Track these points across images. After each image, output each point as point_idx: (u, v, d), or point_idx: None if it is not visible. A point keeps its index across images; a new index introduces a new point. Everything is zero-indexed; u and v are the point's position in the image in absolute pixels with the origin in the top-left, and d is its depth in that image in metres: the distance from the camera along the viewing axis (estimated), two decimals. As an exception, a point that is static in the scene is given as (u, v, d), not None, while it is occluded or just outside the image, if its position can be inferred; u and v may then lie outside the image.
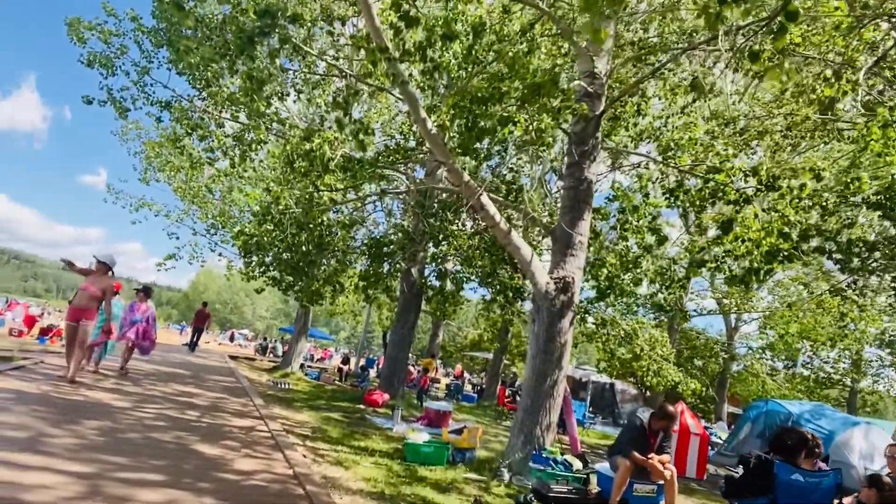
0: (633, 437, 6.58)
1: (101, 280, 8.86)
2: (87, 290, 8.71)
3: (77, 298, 8.76)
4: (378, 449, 8.14)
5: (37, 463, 4.24)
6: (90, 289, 8.71)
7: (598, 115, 8.75)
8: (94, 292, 8.71)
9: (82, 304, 8.66)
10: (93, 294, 8.71)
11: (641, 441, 6.55)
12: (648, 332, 25.23)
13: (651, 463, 6.31)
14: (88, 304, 8.70)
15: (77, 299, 8.75)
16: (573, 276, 8.33)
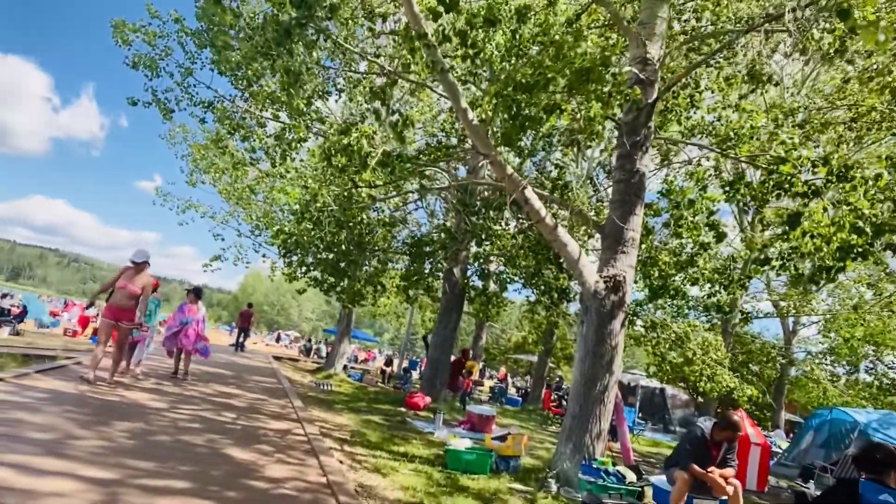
0: (693, 448, 6.06)
1: (139, 277, 8.52)
2: (126, 289, 8.38)
3: (115, 297, 8.39)
4: (418, 455, 7.80)
5: (56, 468, 4.04)
6: (129, 287, 8.37)
7: (651, 104, 8.22)
8: (132, 290, 8.39)
9: (122, 304, 8.36)
10: (132, 292, 8.38)
11: (702, 453, 6.02)
12: (701, 335, 24.26)
13: (712, 477, 5.78)
14: (128, 303, 8.39)
15: (115, 298, 8.38)
16: (624, 275, 7.82)
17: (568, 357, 33.23)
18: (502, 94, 6.84)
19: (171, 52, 13.71)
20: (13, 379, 7.03)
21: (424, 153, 11.79)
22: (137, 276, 8.54)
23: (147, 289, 8.53)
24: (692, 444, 6.09)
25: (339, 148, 8.30)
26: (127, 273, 8.59)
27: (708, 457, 6.01)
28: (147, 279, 8.58)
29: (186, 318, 10.37)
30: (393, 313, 27.76)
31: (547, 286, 14.37)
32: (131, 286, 8.39)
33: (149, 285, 8.57)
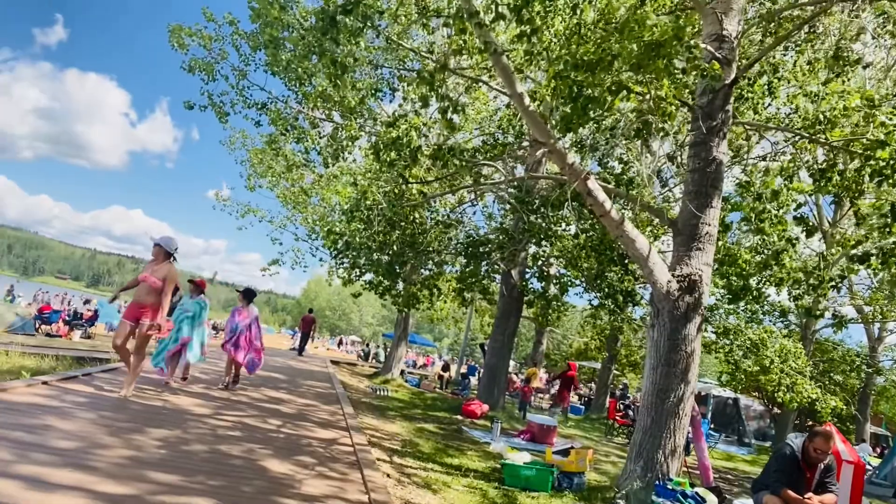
0: (784, 468, 5.24)
1: (161, 267, 7.19)
2: (146, 281, 7.11)
3: (137, 292, 7.16)
4: (473, 468, 7.24)
5: (71, 481, 3.69)
6: (149, 279, 7.07)
7: (729, 85, 7.41)
8: (153, 283, 7.04)
9: (141, 300, 7.10)
10: (153, 285, 7.04)
11: (794, 474, 5.19)
12: (779, 341, 22.70)
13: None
14: (147, 298, 7.08)
15: (137, 293, 7.15)
16: (700, 273, 7.04)
17: (633, 364, 31.92)
18: (562, 75, 6.22)
19: (226, 56, 13.70)
20: (58, 382, 6.89)
21: (480, 151, 11.26)
22: (159, 266, 7.24)
23: (170, 281, 7.17)
24: (782, 465, 5.27)
25: (388, 141, 7.85)
26: (150, 264, 7.43)
27: (802, 479, 5.19)
28: (170, 270, 7.27)
29: (236, 323, 9.50)
30: (451, 318, 27.27)
31: (611, 289, 13.54)
32: (152, 278, 7.10)
33: (172, 277, 7.23)
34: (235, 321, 9.54)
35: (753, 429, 27.31)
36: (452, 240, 13.20)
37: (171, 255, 7.41)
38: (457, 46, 7.40)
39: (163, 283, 7.08)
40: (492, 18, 6.09)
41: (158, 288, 7.09)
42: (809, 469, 5.24)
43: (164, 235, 7.45)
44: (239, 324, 9.47)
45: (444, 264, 13.55)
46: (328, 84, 9.23)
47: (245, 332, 9.45)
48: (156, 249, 7.32)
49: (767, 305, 23.02)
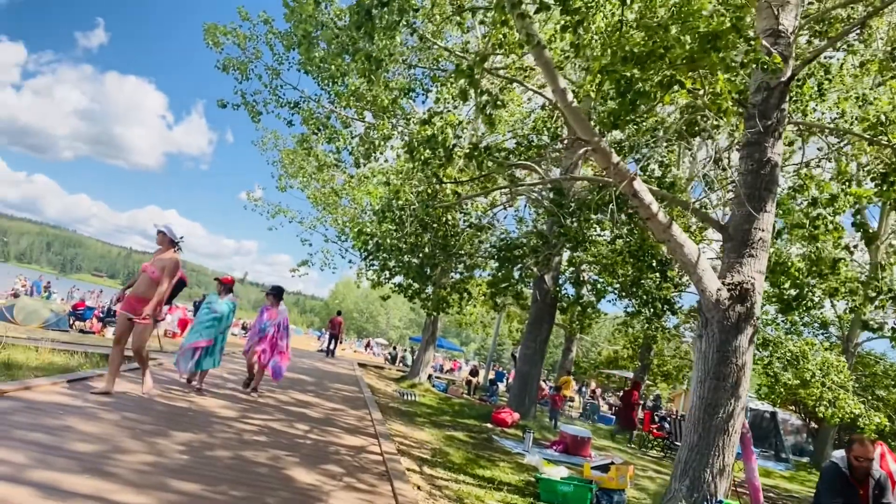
0: (834, 487, 4.75)
1: (163, 257, 6.51)
2: (146, 272, 6.44)
3: (137, 284, 6.51)
4: (506, 481, 6.91)
5: (88, 489, 3.47)
6: (149, 269, 6.41)
7: (785, 82, 6.98)
8: (152, 273, 6.35)
9: (140, 292, 6.41)
10: (152, 276, 6.35)
11: (846, 491, 4.70)
12: (821, 354, 21.86)
13: None
14: (148, 291, 6.38)
15: (137, 285, 6.51)
16: (753, 282, 6.61)
17: (665, 374, 31.16)
18: (608, 69, 5.87)
19: (260, 55, 13.65)
20: (84, 380, 6.76)
21: (514, 153, 10.94)
22: (161, 256, 6.59)
23: (168, 272, 6.43)
24: (831, 484, 4.79)
25: (422, 139, 7.59)
26: (155, 254, 6.76)
27: (855, 496, 4.71)
28: (171, 260, 6.53)
29: (265, 323, 8.88)
30: (479, 322, 26.93)
31: (648, 296, 13.08)
32: (151, 268, 6.41)
33: (172, 267, 6.49)
34: (263, 321, 8.97)
35: (791, 444, 26.40)
36: (484, 243, 12.90)
37: (175, 243, 6.75)
38: (496, 40, 7.10)
39: (161, 275, 6.39)
40: (535, 9, 5.78)
41: (157, 279, 6.39)
42: (860, 484, 4.76)
43: (167, 224, 6.79)
44: (267, 323, 8.91)
45: (476, 268, 13.23)
46: (361, 82, 9.01)
47: (272, 333, 8.85)
48: (160, 236, 6.74)
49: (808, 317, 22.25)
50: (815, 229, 7.92)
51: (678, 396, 36.61)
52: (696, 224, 11.46)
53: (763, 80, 6.91)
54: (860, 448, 4.60)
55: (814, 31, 9.28)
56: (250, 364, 9.05)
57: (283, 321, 9.08)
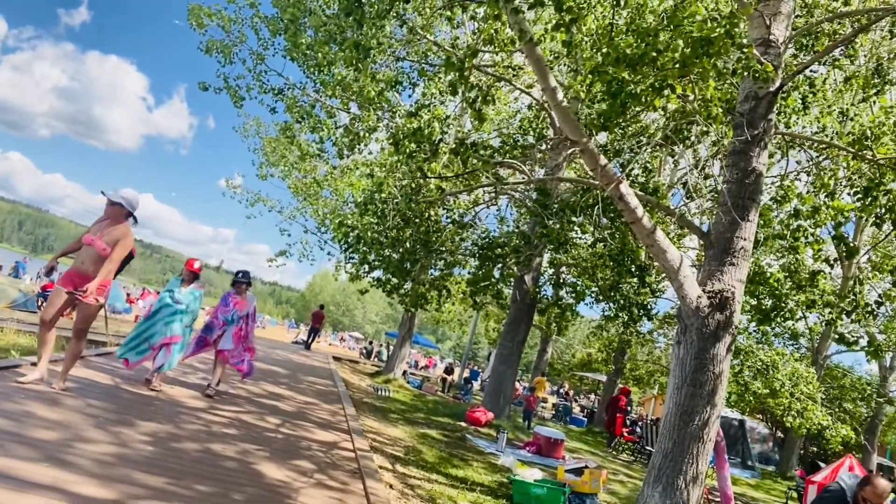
0: None
1: (115, 229, 5.46)
2: (93, 245, 5.41)
3: (78, 257, 5.54)
4: (479, 482, 6.84)
5: (47, 479, 3.31)
6: (96, 242, 5.36)
7: (774, 92, 6.98)
8: (101, 248, 5.35)
9: (84, 268, 5.45)
10: (100, 251, 5.35)
11: None
12: (791, 365, 22.19)
13: None
14: (92, 267, 5.41)
15: (78, 259, 5.54)
16: (733, 290, 6.60)
17: (638, 379, 31.41)
18: (600, 70, 5.81)
19: (245, 39, 13.38)
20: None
21: (500, 152, 10.87)
22: (113, 228, 5.51)
23: (122, 247, 5.45)
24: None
25: (408, 132, 7.46)
26: (99, 224, 5.62)
27: None
28: (125, 233, 5.50)
29: (231, 313, 7.70)
30: (457, 320, 26.89)
31: (626, 301, 13.12)
32: (100, 242, 5.38)
33: (126, 243, 5.49)
34: (229, 311, 7.71)
35: (757, 452, 26.82)
36: (466, 241, 12.82)
37: (130, 215, 5.68)
38: (487, 35, 7.01)
39: (112, 250, 5.40)
40: (529, 4, 5.69)
41: (107, 255, 5.38)
42: None
43: (125, 194, 5.65)
44: (233, 314, 7.70)
45: (456, 265, 13.14)
46: (348, 72, 8.85)
47: (239, 325, 7.72)
48: (114, 209, 5.59)
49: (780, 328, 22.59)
50: (795, 241, 7.97)
51: (648, 401, 37.01)
52: (675, 231, 11.51)
53: (752, 89, 6.92)
54: (872, 494, 4.39)
55: (800, 44, 9.35)
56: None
57: (250, 313, 7.94)
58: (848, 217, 9.08)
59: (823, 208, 7.54)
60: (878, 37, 9.63)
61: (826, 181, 7.67)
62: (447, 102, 11.58)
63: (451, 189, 10.14)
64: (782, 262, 8.63)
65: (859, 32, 8.33)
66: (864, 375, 29.82)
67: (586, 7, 6.99)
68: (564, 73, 12.07)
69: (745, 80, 6.89)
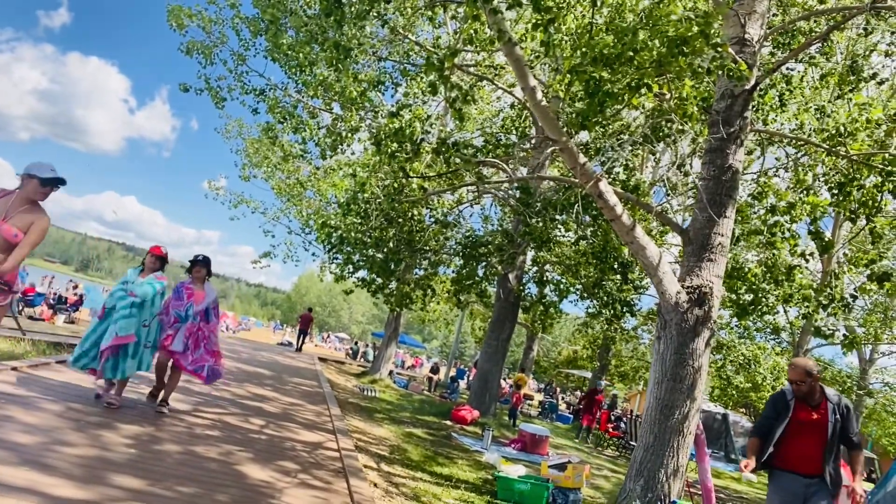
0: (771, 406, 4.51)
1: (26, 214, 4.29)
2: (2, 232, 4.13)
3: None
4: (464, 479, 6.88)
5: (25, 482, 3.30)
6: (8, 231, 4.17)
7: (749, 90, 7.10)
8: (13, 235, 4.18)
9: None
10: (13, 238, 4.18)
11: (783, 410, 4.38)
12: (772, 359, 22.49)
13: None
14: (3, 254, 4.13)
15: None
16: (711, 286, 6.71)
17: (623, 375, 31.68)
18: (578, 69, 5.87)
19: (226, 40, 13.33)
20: (28, 368, 6.47)
21: (482, 151, 10.91)
22: (24, 211, 4.31)
23: (35, 233, 4.28)
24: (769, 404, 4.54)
25: (390, 132, 7.49)
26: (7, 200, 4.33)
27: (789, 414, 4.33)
28: (38, 218, 4.34)
29: (185, 307, 6.11)
30: (442, 319, 26.94)
31: (609, 297, 13.23)
32: (9, 227, 4.19)
33: (39, 228, 4.32)
34: (182, 305, 6.14)
35: (741, 445, 27.09)
36: (450, 240, 12.85)
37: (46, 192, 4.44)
38: (467, 35, 7.05)
39: (23, 236, 4.24)
40: (507, 5, 5.74)
41: (17, 241, 4.22)
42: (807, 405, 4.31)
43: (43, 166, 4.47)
44: (187, 309, 6.11)
45: (440, 265, 13.18)
46: (329, 72, 8.84)
47: (196, 324, 6.16)
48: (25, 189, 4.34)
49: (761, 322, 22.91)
50: (772, 236, 8.10)
51: (634, 397, 37.30)
52: (657, 228, 11.63)
53: (727, 87, 7.03)
54: (791, 371, 4.38)
55: (777, 42, 9.50)
56: (160, 365, 6.24)
57: (211, 306, 6.37)
58: (825, 212, 9.26)
59: (799, 204, 7.67)
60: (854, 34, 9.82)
61: (803, 177, 7.80)
62: (429, 102, 11.62)
63: (434, 188, 10.18)
64: (760, 258, 8.75)
65: (833, 30, 8.46)
66: (845, 368, 30.27)
67: (565, 7, 7.04)
68: (547, 72, 12.16)
69: (721, 78, 7.00)
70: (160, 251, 6.18)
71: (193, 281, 6.38)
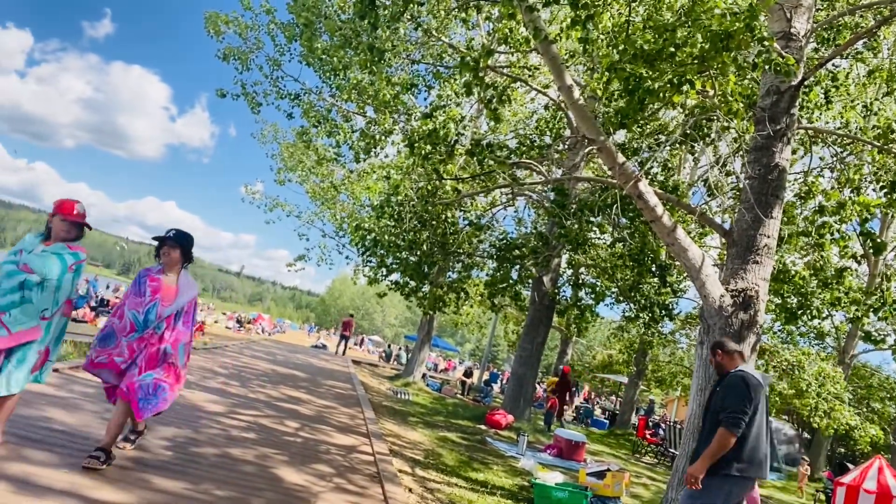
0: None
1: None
2: None
3: None
4: (499, 485, 6.77)
5: (65, 485, 3.32)
6: None
7: (796, 86, 6.84)
8: None
9: None
10: None
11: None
12: (817, 365, 21.77)
13: None
14: None
15: None
16: (757, 289, 6.46)
17: (660, 380, 31.04)
18: (617, 66, 5.73)
19: (262, 45, 13.51)
20: (69, 370, 6.59)
21: (516, 153, 10.80)
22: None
23: None
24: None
25: (423, 134, 7.43)
26: None
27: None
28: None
29: (146, 308, 4.11)
30: (475, 323, 26.82)
31: (647, 301, 12.95)
32: None
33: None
34: (142, 303, 4.12)
35: (784, 453, 26.33)
36: (483, 242, 12.75)
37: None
38: (502, 35, 6.96)
39: None
40: (544, 2, 5.63)
41: None
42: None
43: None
44: (150, 311, 4.10)
45: (474, 267, 13.09)
46: (363, 76, 8.85)
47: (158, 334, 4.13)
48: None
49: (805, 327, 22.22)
50: (820, 238, 7.79)
51: (671, 402, 36.55)
52: (696, 230, 11.35)
53: (773, 83, 6.79)
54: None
55: (821, 38, 9.17)
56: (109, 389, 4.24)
57: (187, 307, 4.32)
58: (874, 213, 8.89)
59: (849, 204, 7.36)
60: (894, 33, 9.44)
61: (851, 176, 7.49)
62: (463, 104, 11.55)
63: (468, 190, 10.09)
64: (807, 260, 8.43)
65: (881, 25, 8.13)
66: (893, 374, 29.23)
67: (602, 4, 6.89)
68: (581, 72, 11.99)
69: (766, 74, 6.76)
70: (71, 210, 3.85)
71: (163, 269, 4.24)
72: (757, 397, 4.07)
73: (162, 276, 4.24)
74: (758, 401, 4.08)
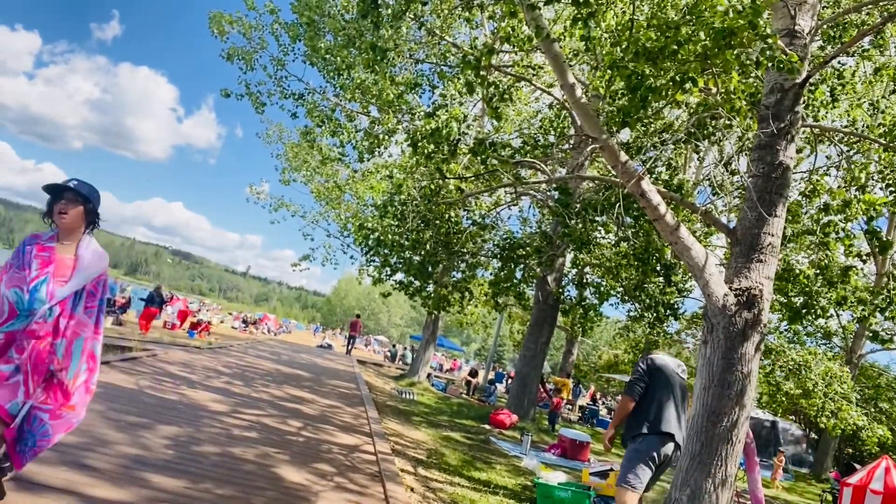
0: None
1: None
2: None
3: None
4: (502, 485, 6.75)
5: (63, 483, 3.32)
6: None
7: (800, 84, 6.78)
8: None
9: None
10: None
11: None
12: (824, 364, 21.63)
13: None
14: None
15: None
16: (761, 288, 6.41)
17: (666, 380, 30.92)
18: (619, 64, 5.70)
19: (266, 45, 13.54)
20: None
21: (520, 152, 10.77)
22: None
23: None
24: None
25: (426, 133, 7.41)
26: None
27: None
28: None
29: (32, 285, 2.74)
30: (480, 322, 26.80)
31: (652, 300, 12.90)
32: None
33: None
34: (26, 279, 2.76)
35: (791, 454, 26.20)
36: (487, 242, 12.73)
37: None
38: (504, 33, 6.94)
39: None
40: (545, 0, 5.61)
41: None
42: None
43: None
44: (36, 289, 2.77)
45: (478, 267, 13.06)
46: (367, 75, 8.84)
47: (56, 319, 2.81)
48: None
49: (812, 326, 22.10)
50: (825, 236, 7.73)
51: (678, 403, 36.35)
52: (701, 230, 11.30)
53: (777, 81, 6.73)
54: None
55: (827, 36, 9.10)
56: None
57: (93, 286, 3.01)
58: (880, 211, 8.82)
59: (854, 202, 7.30)
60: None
61: (857, 175, 7.43)
62: (466, 103, 11.53)
63: (471, 190, 10.07)
64: (812, 259, 8.37)
65: (888, 21, 8.07)
66: (901, 374, 29.06)
67: (605, 2, 6.86)
68: (585, 71, 11.95)
69: (770, 71, 6.71)
70: None
71: (58, 234, 2.97)
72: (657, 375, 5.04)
73: (55, 243, 2.92)
74: (658, 378, 5.03)
